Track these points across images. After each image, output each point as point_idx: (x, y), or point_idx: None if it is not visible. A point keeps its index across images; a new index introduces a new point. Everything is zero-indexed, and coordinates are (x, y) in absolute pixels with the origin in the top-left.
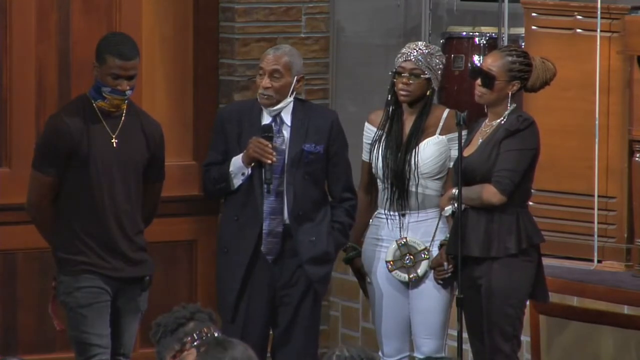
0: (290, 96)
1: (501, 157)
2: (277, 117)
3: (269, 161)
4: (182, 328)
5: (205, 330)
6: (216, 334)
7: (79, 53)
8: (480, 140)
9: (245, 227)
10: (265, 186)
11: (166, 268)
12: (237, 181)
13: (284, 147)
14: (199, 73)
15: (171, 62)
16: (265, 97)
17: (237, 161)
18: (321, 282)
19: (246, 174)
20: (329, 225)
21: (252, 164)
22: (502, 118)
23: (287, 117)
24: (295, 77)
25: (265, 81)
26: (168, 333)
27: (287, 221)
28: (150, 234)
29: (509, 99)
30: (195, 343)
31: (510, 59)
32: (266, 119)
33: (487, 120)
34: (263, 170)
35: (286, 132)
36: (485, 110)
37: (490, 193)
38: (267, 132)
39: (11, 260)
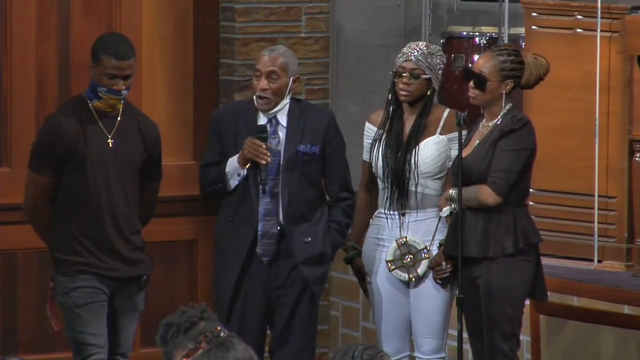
0: (286, 97)
1: (496, 158)
2: (272, 118)
3: (264, 162)
4: (195, 327)
5: (218, 328)
6: (225, 333)
7: (79, 53)
8: (477, 141)
9: (240, 228)
10: (260, 187)
11: (166, 268)
12: (233, 182)
13: (279, 148)
14: (199, 73)
15: (171, 62)
16: (264, 100)
17: (233, 162)
18: (317, 282)
19: (242, 174)
20: (326, 225)
21: (248, 165)
22: (498, 118)
23: (282, 118)
24: (292, 78)
25: (263, 83)
26: (181, 332)
27: (283, 222)
28: (150, 234)
29: (504, 99)
30: (208, 341)
31: (501, 58)
32: (261, 119)
33: (483, 121)
34: (258, 171)
35: (282, 133)
36: (482, 111)
37: (485, 194)
38: (262, 133)
39: (11, 260)
